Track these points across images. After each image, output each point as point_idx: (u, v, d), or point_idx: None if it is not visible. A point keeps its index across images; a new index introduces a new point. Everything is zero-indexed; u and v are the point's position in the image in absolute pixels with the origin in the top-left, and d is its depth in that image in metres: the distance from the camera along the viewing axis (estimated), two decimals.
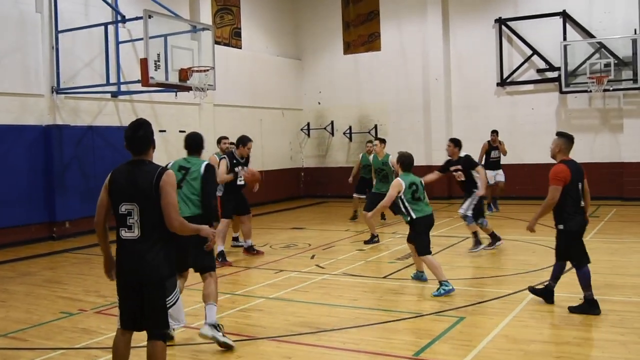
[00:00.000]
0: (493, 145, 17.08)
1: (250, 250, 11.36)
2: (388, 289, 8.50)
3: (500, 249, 11.22)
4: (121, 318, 4.75)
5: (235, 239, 12.42)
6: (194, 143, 7.48)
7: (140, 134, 4.68)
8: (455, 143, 11.19)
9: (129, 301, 4.66)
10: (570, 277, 8.67)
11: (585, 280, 7.11)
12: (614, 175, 18.34)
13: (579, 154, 18.30)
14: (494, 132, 17.16)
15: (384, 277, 9.13)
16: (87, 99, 15.10)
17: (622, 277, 8.81)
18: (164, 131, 17.13)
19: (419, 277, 8.75)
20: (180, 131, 17.59)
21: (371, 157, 14.21)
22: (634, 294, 7.72)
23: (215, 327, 6.17)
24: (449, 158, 11.35)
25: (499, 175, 17.04)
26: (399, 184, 8.17)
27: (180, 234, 4.65)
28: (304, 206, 19.68)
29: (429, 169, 20.85)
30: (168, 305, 4.60)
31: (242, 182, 10.76)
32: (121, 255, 4.69)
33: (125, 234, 4.63)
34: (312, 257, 10.96)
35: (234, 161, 10.74)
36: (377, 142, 14.03)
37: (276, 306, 7.77)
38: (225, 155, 11.06)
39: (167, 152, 17.15)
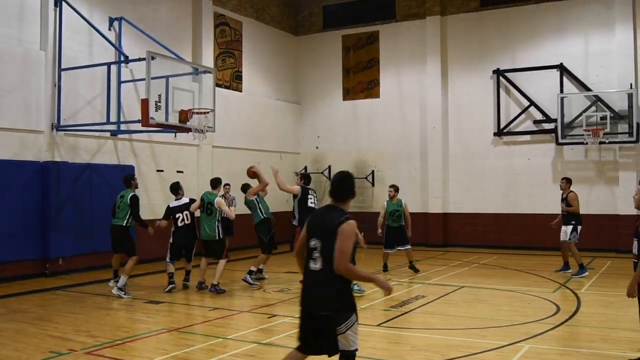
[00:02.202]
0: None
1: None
2: (382, 337, 8.43)
3: (495, 299, 11.17)
4: (298, 338, 5.36)
5: (260, 271, 13.49)
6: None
7: (345, 186, 5.23)
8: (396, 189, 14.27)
9: (305, 325, 5.26)
10: (564, 330, 8.63)
11: None
12: (609, 228, 18.37)
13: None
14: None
15: (378, 325, 9.06)
16: (87, 137, 15.17)
17: (616, 331, 8.76)
18: (162, 171, 17.20)
19: None
20: (178, 171, 17.67)
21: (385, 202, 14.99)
22: (629, 348, 7.67)
23: None
24: None
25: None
26: None
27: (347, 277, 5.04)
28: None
29: (425, 216, 20.95)
30: (338, 333, 5.01)
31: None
32: (306, 283, 5.22)
33: (311, 265, 5.12)
34: None
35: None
36: (391, 189, 15.10)
37: (268, 352, 7.69)
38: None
39: (163, 192, 17.14)
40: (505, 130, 20.09)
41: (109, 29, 15.91)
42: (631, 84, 18.22)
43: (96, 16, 15.59)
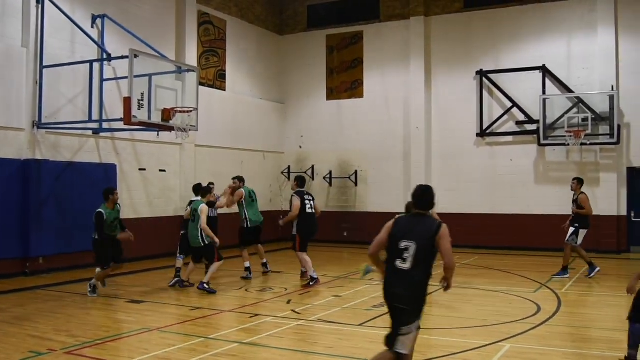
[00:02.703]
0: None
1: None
2: (363, 336, 8.44)
3: (476, 299, 11.22)
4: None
5: (264, 264, 14.26)
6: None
7: (428, 198, 6.01)
8: None
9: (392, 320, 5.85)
10: (544, 330, 8.69)
11: None
12: (590, 229, 18.47)
13: (556, 206, 18.71)
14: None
15: (360, 325, 9.07)
16: (68, 135, 15.05)
17: (597, 330, 8.83)
18: (144, 170, 17.11)
19: None
20: (161, 170, 17.59)
21: None
22: (608, 348, 7.73)
23: None
24: None
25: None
26: None
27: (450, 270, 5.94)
28: (281, 249, 19.58)
29: None
30: (400, 333, 5.67)
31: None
32: (392, 280, 5.78)
33: (399, 264, 5.69)
34: (288, 302, 10.88)
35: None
36: None
37: (250, 352, 7.67)
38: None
39: (145, 191, 17.11)
40: (488, 131, 20.19)
41: (92, 27, 15.78)
42: (612, 86, 18.38)
43: (79, 13, 15.47)
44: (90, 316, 9.81)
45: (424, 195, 6.07)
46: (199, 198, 12.56)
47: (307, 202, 13.08)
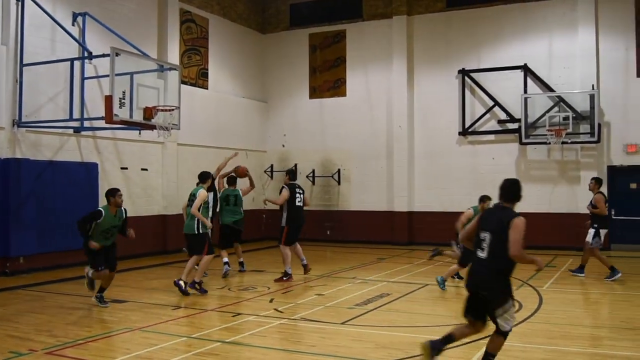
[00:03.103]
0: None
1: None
2: (346, 335, 8.45)
3: (459, 297, 11.26)
4: (463, 312, 6.54)
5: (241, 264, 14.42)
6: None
7: (513, 190, 6.53)
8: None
9: (472, 301, 6.41)
10: (526, 327, 8.75)
11: None
12: (570, 226, 18.65)
13: (537, 204, 18.86)
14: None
15: (343, 323, 9.08)
16: (49, 134, 14.92)
17: (577, 327, 8.90)
18: (126, 168, 17.02)
19: None
20: (143, 169, 17.50)
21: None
22: (589, 345, 7.80)
23: None
24: None
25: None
26: None
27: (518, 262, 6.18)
28: (264, 248, 19.57)
29: (390, 214, 21.07)
30: (496, 316, 6.21)
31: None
32: (474, 268, 6.40)
33: (479, 253, 6.27)
34: (271, 300, 10.87)
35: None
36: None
37: (233, 351, 7.66)
38: None
39: (128, 190, 17.00)
40: (470, 130, 20.29)
41: (73, 25, 15.66)
42: (593, 85, 18.54)
43: (59, 11, 15.34)
44: (72, 316, 9.73)
45: (509, 188, 6.57)
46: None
47: (297, 195, 13.15)
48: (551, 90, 19.19)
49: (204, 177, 12.09)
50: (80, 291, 11.65)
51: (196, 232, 11.48)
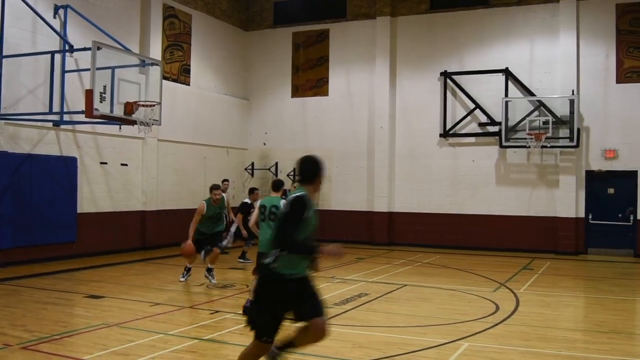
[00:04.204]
0: None
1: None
2: None
3: (436, 298, 11.33)
4: None
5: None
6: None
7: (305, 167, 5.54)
8: None
9: None
10: (502, 329, 8.82)
11: None
12: (548, 230, 18.84)
13: (516, 207, 19.01)
14: None
15: None
16: (28, 127, 14.77)
17: (553, 330, 8.98)
18: (105, 163, 16.90)
19: None
20: (122, 164, 17.39)
21: None
22: (564, 347, 7.88)
23: None
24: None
25: None
26: None
27: None
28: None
29: (370, 214, 21.13)
30: None
31: None
32: None
33: None
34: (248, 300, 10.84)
35: None
36: None
37: (210, 348, 7.64)
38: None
39: (107, 185, 16.91)
40: (450, 132, 20.39)
41: (54, 17, 15.51)
42: (573, 90, 18.71)
43: (41, 3, 15.18)
44: (48, 311, 9.65)
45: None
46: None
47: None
48: (532, 94, 19.35)
49: (280, 185, 10.28)
50: (56, 286, 11.57)
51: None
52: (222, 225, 12.56)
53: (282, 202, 9.87)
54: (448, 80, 20.51)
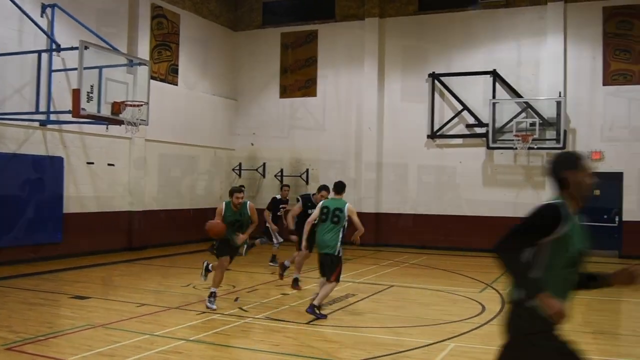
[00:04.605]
0: None
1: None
2: (310, 334, 8.47)
3: (423, 299, 11.36)
4: None
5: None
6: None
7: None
8: None
9: None
10: (488, 329, 8.85)
11: None
12: None
13: (503, 209, 19.06)
14: None
15: (307, 323, 9.09)
16: (14, 126, 14.67)
17: None
18: (92, 163, 16.82)
19: None
20: (109, 164, 17.32)
21: None
22: None
23: None
24: None
25: None
26: None
27: None
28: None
29: (357, 215, 21.07)
30: None
31: None
32: None
33: None
34: (236, 299, 10.84)
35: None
36: None
37: (196, 349, 7.62)
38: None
39: (94, 185, 16.84)
40: (438, 133, 20.45)
41: (42, 16, 15.41)
42: (560, 92, 18.81)
43: (28, 2, 15.07)
44: (33, 312, 9.59)
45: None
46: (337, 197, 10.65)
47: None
48: (519, 96, 19.44)
49: (343, 187, 10.88)
50: (41, 287, 11.51)
51: (337, 254, 9.89)
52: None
53: (348, 206, 10.07)
54: (436, 82, 20.57)
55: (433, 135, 20.47)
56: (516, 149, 18.74)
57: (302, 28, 22.62)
